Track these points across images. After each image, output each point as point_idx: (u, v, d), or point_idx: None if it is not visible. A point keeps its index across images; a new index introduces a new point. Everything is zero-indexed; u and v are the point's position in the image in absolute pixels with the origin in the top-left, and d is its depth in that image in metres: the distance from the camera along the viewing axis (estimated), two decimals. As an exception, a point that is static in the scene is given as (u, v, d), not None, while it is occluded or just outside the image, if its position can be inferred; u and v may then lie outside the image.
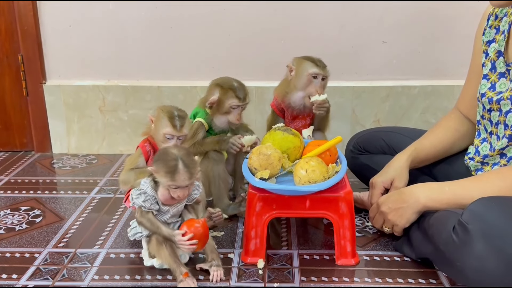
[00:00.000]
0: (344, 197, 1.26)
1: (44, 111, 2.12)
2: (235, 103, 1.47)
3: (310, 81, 1.55)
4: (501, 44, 1.26)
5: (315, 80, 1.55)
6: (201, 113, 1.52)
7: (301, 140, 1.41)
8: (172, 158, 1.16)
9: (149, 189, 1.21)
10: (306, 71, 1.54)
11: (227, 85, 1.49)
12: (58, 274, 1.27)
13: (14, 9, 2.01)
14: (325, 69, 1.56)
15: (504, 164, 1.25)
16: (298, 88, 1.56)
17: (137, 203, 1.20)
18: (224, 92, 1.48)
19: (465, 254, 1.01)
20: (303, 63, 1.56)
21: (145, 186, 1.21)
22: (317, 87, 1.55)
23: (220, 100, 1.48)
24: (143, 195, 1.21)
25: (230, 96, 1.47)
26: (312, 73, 1.54)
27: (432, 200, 1.20)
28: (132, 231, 1.30)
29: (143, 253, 1.30)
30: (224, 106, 1.48)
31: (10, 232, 1.49)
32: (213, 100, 1.48)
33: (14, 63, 2.08)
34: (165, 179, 1.16)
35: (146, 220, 1.22)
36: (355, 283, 1.22)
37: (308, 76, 1.54)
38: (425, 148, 1.42)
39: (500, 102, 1.22)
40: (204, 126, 1.51)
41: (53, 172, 1.97)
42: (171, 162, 1.16)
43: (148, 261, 1.28)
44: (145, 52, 2.06)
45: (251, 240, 1.29)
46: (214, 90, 1.49)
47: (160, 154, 1.20)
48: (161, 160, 1.17)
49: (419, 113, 2.06)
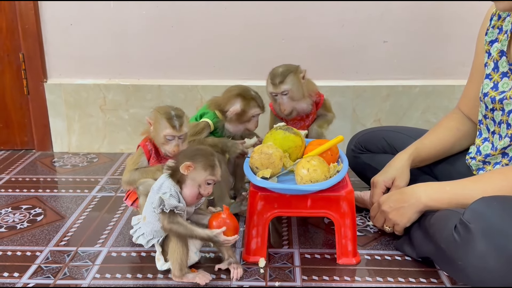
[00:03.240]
0: (346, 196, 1.26)
1: (45, 110, 2.12)
2: (257, 112, 1.51)
3: (274, 99, 1.60)
4: (504, 44, 1.26)
5: (277, 98, 1.58)
6: (209, 115, 1.51)
7: (302, 140, 1.41)
8: (209, 153, 1.20)
9: (173, 190, 1.18)
10: (268, 91, 1.61)
11: (248, 95, 1.50)
12: (59, 272, 1.27)
13: (15, 7, 2.01)
14: (278, 86, 1.56)
15: (505, 163, 1.25)
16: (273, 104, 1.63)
17: (172, 205, 1.16)
18: (246, 102, 1.49)
19: (467, 253, 1.02)
20: (266, 85, 1.61)
21: (168, 188, 1.18)
22: (280, 105, 1.58)
23: (243, 111, 1.49)
24: (173, 197, 1.17)
25: (252, 106, 1.50)
26: (271, 93, 1.60)
27: (433, 199, 1.20)
28: (140, 238, 1.26)
29: (157, 257, 1.26)
30: (246, 115, 1.50)
31: (12, 231, 1.49)
32: (235, 110, 1.49)
33: (15, 61, 2.08)
34: (204, 173, 1.18)
35: (177, 225, 1.16)
36: (356, 282, 1.23)
37: (271, 96, 1.61)
38: (426, 147, 1.42)
39: (503, 101, 1.22)
40: (210, 127, 1.51)
41: (54, 170, 1.97)
42: (211, 157, 1.19)
43: (164, 265, 1.24)
44: (146, 51, 2.06)
45: (253, 239, 1.30)
46: (235, 100, 1.49)
47: (193, 150, 1.21)
48: (199, 155, 1.19)
49: (419, 113, 2.06)
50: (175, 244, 1.19)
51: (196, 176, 1.18)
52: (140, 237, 1.26)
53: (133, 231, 1.30)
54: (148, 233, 1.24)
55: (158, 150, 1.38)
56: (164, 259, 1.25)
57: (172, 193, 1.17)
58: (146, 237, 1.25)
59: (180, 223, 1.17)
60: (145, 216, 1.25)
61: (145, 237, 1.25)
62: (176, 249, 1.19)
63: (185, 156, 1.20)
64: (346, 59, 2.03)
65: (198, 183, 1.19)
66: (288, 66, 1.57)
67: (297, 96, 1.56)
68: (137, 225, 1.29)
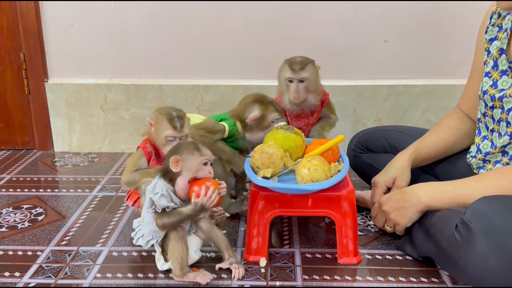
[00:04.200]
0: (346, 196, 1.26)
1: (46, 110, 2.12)
2: (276, 116, 1.49)
3: (288, 86, 1.56)
4: (504, 42, 1.26)
5: (292, 85, 1.55)
6: (229, 122, 1.50)
7: (303, 139, 1.41)
8: (189, 142, 1.24)
9: (165, 190, 1.19)
10: (282, 76, 1.57)
11: (265, 100, 1.49)
12: (60, 272, 1.27)
13: (16, 7, 2.01)
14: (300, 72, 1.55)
15: (506, 162, 1.25)
16: (283, 93, 1.59)
17: (162, 205, 1.17)
18: (265, 107, 1.47)
19: (468, 252, 1.01)
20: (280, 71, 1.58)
21: (159, 188, 1.19)
22: (293, 91, 1.55)
23: (262, 116, 1.47)
24: (164, 197, 1.18)
25: (271, 110, 1.48)
26: (286, 78, 1.56)
27: (434, 199, 1.20)
28: (140, 240, 1.27)
29: (157, 257, 1.26)
30: (266, 121, 1.48)
31: (13, 230, 1.49)
32: (255, 116, 1.47)
33: (16, 61, 2.08)
34: (194, 157, 1.19)
35: (167, 217, 1.18)
36: (357, 282, 1.23)
37: (285, 81, 1.56)
38: (426, 147, 1.42)
39: (502, 99, 1.22)
40: (225, 132, 1.49)
41: (55, 170, 1.97)
42: (191, 144, 1.22)
43: (164, 265, 1.25)
44: (147, 51, 2.06)
45: (253, 239, 1.30)
46: (253, 107, 1.48)
47: (174, 146, 1.25)
48: (180, 147, 1.22)
49: (420, 112, 2.06)
50: (174, 243, 1.20)
51: (188, 164, 1.19)
52: (140, 239, 1.28)
53: (134, 233, 1.31)
54: (147, 234, 1.25)
55: (158, 152, 1.37)
56: (164, 259, 1.25)
57: (163, 193, 1.19)
58: (145, 238, 1.26)
59: (168, 214, 1.18)
60: (143, 218, 1.26)
61: (145, 238, 1.26)
62: (176, 248, 1.19)
63: (169, 153, 1.23)
64: (346, 59, 2.03)
65: (195, 170, 1.20)
66: (306, 57, 1.58)
67: (311, 86, 1.56)
68: (138, 227, 1.30)
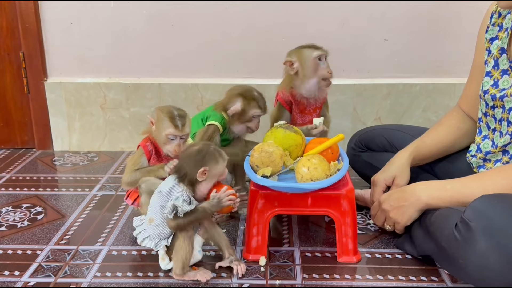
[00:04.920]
0: (346, 194, 1.26)
1: (45, 109, 2.12)
2: (257, 113, 1.52)
3: (317, 64, 1.56)
4: (504, 42, 1.25)
5: (321, 62, 1.56)
6: (215, 117, 1.51)
7: (302, 138, 1.41)
8: (209, 147, 1.22)
9: (185, 195, 1.19)
10: (310, 57, 1.55)
11: (249, 95, 1.51)
12: (60, 271, 1.27)
13: (16, 6, 2.01)
14: (324, 49, 1.58)
15: (506, 161, 1.25)
16: (308, 76, 1.56)
17: (186, 210, 1.17)
18: (247, 102, 1.50)
19: (468, 251, 1.01)
20: (303, 52, 1.57)
21: (180, 193, 1.18)
22: (326, 67, 1.56)
23: (243, 110, 1.50)
24: (185, 202, 1.18)
25: (252, 106, 1.51)
26: (316, 56, 1.55)
27: (434, 198, 1.20)
28: (146, 240, 1.25)
29: (162, 257, 1.24)
30: (247, 115, 1.51)
31: (12, 229, 1.49)
32: (236, 110, 1.50)
33: (15, 60, 2.08)
34: (219, 166, 1.21)
35: (188, 217, 1.18)
36: (357, 281, 1.22)
37: (314, 60, 1.55)
38: (426, 145, 1.42)
39: (503, 99, 1.22)
40: (219, 130, 1.51)
41: (55, 169, 1.97)
42: (213, 151, 1.21)
43: (168, 264, 1.23)
44: (146, 50, 2.06)
45: (253, 238, 1.30)
46: (236, 100, 1.51)
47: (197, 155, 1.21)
48: (206, 156, 1.20)
49: (420, 111, 2.06)
50: (182, 242, 1.19)
51: (214, 173, 1.21)
52: (146, 240, 1.24)
53: (137, 232, 1.28)
54: (156, 235, 1.22)
55: (158, 150, 1.37)
56: (169, 259, 1.24)
57: (184, 197, 1.18)
58: (153, 239, 1.23)
59: (189, 214, 1.18)
60: (153, 218, 1.23)
61: (152, 239, 1.23)
62: (183, 246, 1.19)
63: (193, 163, 1.20)
64: (346, 58, 2.02)
65: (218, 176, 1.23)
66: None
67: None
68: (141, 226, 1.27)
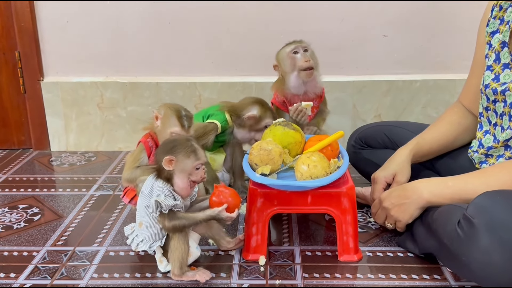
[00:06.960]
0: (346, 192, 1.25)
1: (42, 108, 2.10)
2: (270, 123, 1.51)
3: (293, 58, 1.57)
4: (506, 35, 1.24)
5: (297, 55, 1.57)
6: (218, 117, 1.51)
7: (302, 135, 1.40)
8: (185, 139, 1.18)
9: (166, 190, 1.16)
10: (285, 53, 1.57)
11: (266, 105, 1.54)
12: (56, 272, 1.25)
13: (11, 6, 1.99)
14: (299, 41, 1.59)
15: (509, 156, 1.24)
16: (289, 72, 1.58)
17: (169, 205, 1.14)
18: (263, 111, 1.52)
19: (471, 248, 1.00)
20: (280, 52, 1.60)
21: (160, 189, 1.16)
22: (302, 57, 1.56)
23: (259, 117, 1.51)
24: (167, 197, 1.15)
25: (268, 115, 1.53)
26: (290, 51, 1.57)
27: (436, 195, 1.19)
28: (141, 245, 1.23)
29: (160, 259, 1.23)
30: (260, 124, 1.52)
31: (8, 231, 1.47)
32: (253, 116, 1.50)
33: (11, 60, 2.06)
34: (189, 161, 1.16)
35: (179, 220, 1.16)
36: (358, 280, 1.21)
37: (289, 55, 1.57)
38: (427, 142, 1.41)
39: (504, 93, 1.21)
40: (217, 129, 1.50)
41: (52, 169, 1.96)
42: (188, 142, 1.17)
43: (167, 266, 1.22)
44: (143, 48, 2.05)
45: (252, 237, 1.28)
46: (253, 107, 1.52)
47: (168, 143, 1.18)
48: (176, 145, 1.16)
49: (420, 107, 2.04)
50: (176, 242, 1.18)
51: (182, 166, 1.16)
52: (140, 244, 1.24)
53: (130, 240, 1.27)
54: (148, 238, 1.22)
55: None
56: (167, 260, 1.22)
57: (165, 193, 1.16)
58: (146, 242, 1.22)
59: (181, 217, 1.16)
60: (141, 222, 1.22)
61: (146, 242, 1.23)
62: (178, 247, 1.18)
63: (163, 151, 1.17)
64: (345, 54, 2.01)
65: (188, 173, 1.17)
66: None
67: (314, 62, 1.57)
68: (132, 234, 1.27)
